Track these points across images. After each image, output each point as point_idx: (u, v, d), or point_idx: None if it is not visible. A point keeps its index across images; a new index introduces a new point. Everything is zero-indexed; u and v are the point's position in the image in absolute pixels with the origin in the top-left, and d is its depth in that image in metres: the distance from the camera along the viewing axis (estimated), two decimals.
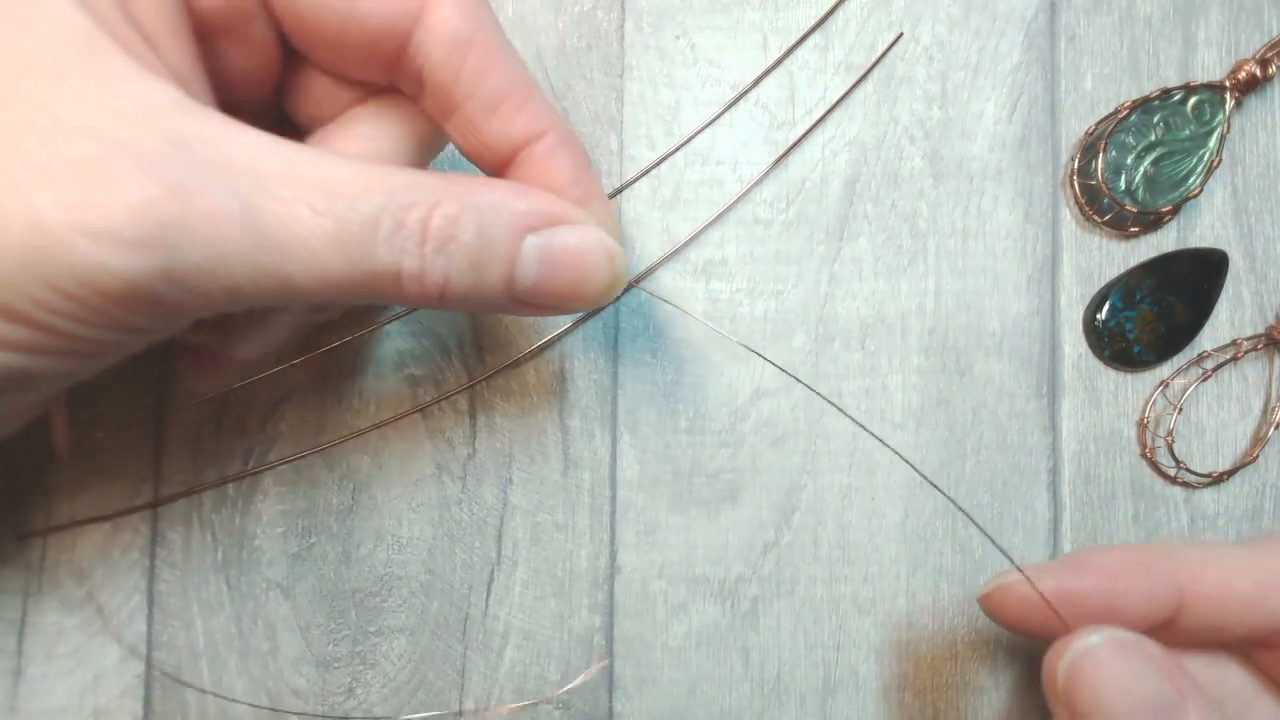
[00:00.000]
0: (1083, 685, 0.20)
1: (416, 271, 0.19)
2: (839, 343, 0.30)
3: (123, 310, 0.17)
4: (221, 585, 0.29)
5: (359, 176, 0.18)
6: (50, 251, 0.16)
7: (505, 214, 0.20)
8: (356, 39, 0.21)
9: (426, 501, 0.30)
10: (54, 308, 0.16)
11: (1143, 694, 0.19)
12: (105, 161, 0.16)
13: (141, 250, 0.16)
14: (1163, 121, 0.31)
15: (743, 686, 0.30)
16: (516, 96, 0.22)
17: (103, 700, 0.29)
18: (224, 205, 0.17)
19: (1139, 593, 0.22)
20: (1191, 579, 0.22)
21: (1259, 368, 0.31)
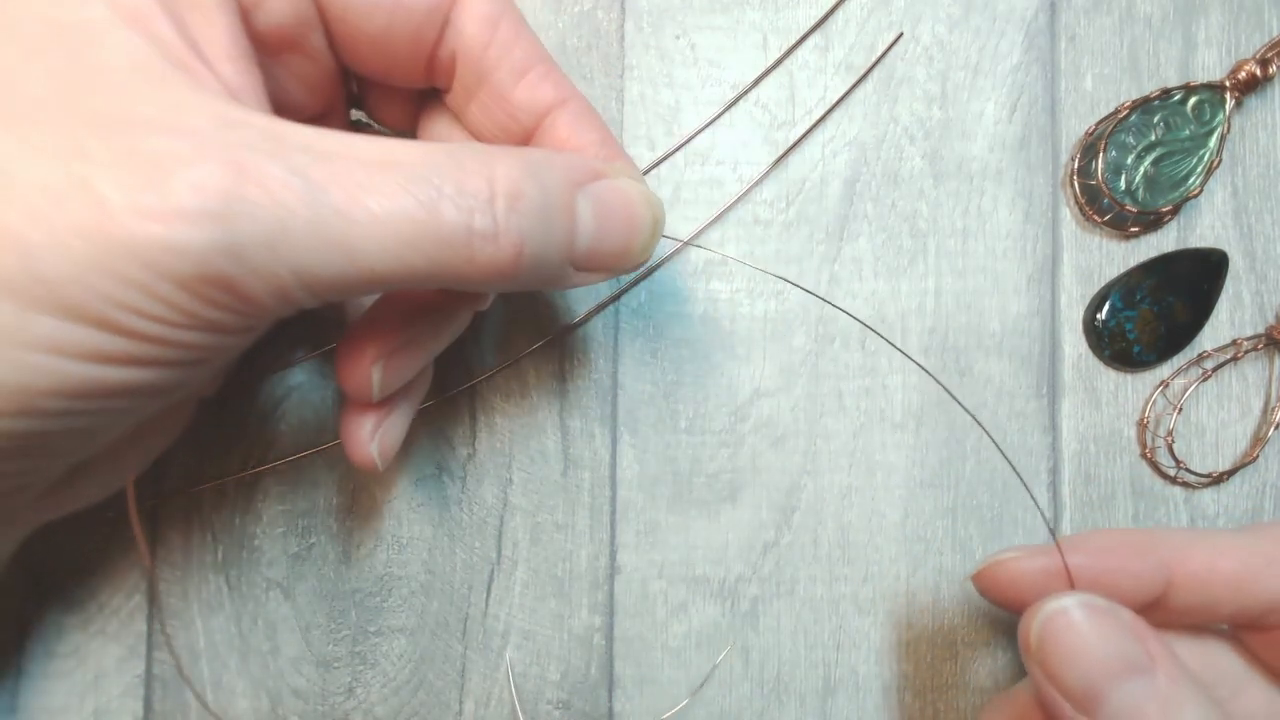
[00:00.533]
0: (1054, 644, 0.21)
1: (490, 231, 0.18)
2: (839, 343, 0.30)
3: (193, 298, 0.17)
4: (221, 585, 0.29)
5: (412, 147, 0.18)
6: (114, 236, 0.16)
7: (559, 169, 0.20)
8: (403, 30, 0.22)
9: (426, 501, 0.30)
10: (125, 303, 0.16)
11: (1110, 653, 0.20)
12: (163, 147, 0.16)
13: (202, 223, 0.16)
14: (1163, 121, 0.31)
15: (743, 686, 0.30)
16: (542, 65, 0.23)
17: (103, 700, 0.29)
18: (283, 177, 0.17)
19: (1128, 571, 0.23)
20: (1179, 559, 0.23)
21: (1259, 368, 0.31)
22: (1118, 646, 0.20)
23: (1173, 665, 0.20)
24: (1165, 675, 0.20)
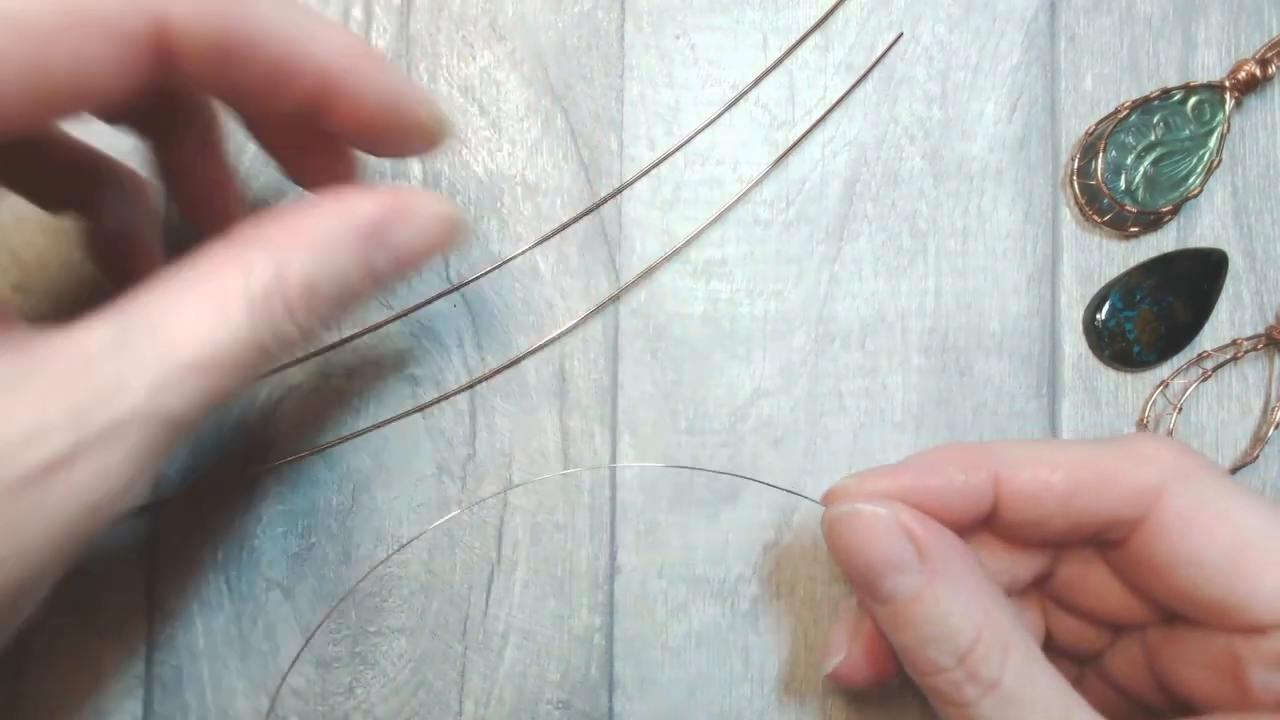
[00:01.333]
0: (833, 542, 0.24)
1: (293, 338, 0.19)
2: (839, 343, 0.30)
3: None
4: (221, 585, 0.29)
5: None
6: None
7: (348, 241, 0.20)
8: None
9: (426, 501, 0.30)
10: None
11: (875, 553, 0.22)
12: None
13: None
14: (1163, 121, 0.31)
15: (743, 686, 0.30)
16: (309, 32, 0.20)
17: (103, 700, 0.29)
18: None
19: (954, 486, 0.23)
20: (1009, 474, 0.23)
21: (1259, 368, 0.31)
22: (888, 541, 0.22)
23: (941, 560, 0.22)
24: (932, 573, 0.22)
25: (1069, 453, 0.24)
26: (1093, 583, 0.25)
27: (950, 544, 0.23)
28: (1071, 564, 0.25)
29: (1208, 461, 0.23)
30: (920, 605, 0.22)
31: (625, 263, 0.30)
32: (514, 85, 0.31)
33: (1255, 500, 0.23)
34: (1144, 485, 0.23)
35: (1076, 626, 0.26)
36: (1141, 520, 0.23)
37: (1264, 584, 0.22)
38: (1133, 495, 0.23)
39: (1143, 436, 0.24)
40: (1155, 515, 0.22)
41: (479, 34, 0.31)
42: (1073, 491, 0.23)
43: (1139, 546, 0.23)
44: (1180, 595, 0.23)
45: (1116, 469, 0.23)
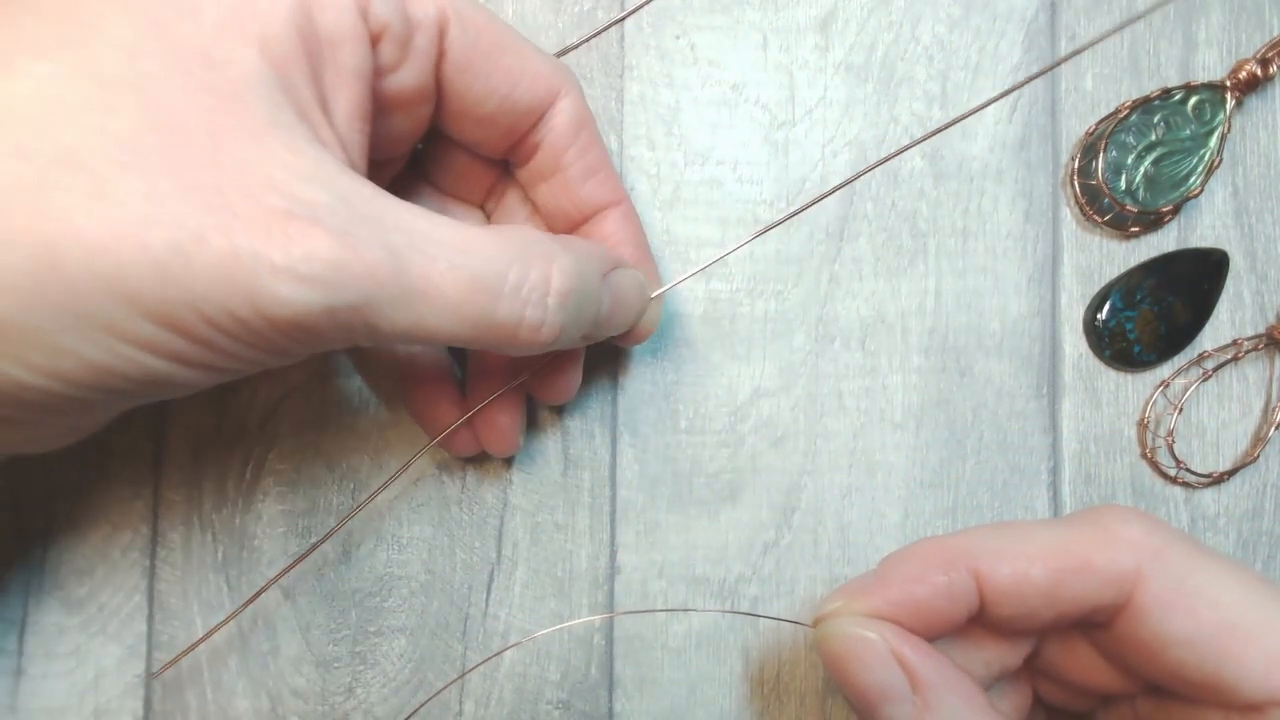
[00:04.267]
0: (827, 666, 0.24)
1: (538, 322, 0.22)
2: (839, 343, 0.30)
3: (279, 336, 0.20)
4: (221, 585, 0.29)
5: (488, 237, 0.21)
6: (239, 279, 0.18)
7: (596, 262, 0.24)
8: (506, 117, 0.25)
9: (426, 501, 0.30)
10: (223, 327, 0.19)
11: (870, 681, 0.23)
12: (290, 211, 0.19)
13: (313, 286, 0.19)
14: (1163, 121, 0.31)
15: (743, 686, 0.30)
16: (606, 170, 0.27)
17: (103, 700, 0.29)
18: (378, 254, 0.19)
19: (939, 592, 0.23)
20: (988, 569, 0.23)
21: (1259, 368, 0.31)
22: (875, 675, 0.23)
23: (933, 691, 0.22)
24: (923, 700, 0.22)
25: (1042, 540, 0.23)
26: (1079, 660, 0.25)
27: (943, 671, 0.23)
28: (1056, 644, 0.25)
29: (1177, 533, 0.23)
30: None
31: None
32: None
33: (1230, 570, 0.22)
34: (1121, 570, 0.22)
35: (1064, 694, 0.26)
36: (1123, 604, 0.22)
37: (1251, 662, 0.21)
38: (1112, 581, 0.22)
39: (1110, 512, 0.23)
40: (1136, 599, 0.22)
41: None
42: (1054, 582, 0.23)
43: (1123, 630, 0.23)
44: (1169, 675, 0.22)
45: (1092, 555, 0.22)
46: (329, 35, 0.21)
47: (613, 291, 0.25)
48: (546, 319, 0.22)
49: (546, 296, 0.22)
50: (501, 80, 0.24)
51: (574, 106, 0.25)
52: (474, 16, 0.24)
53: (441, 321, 0.21)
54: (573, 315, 0.23)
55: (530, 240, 0.22)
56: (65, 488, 0.29)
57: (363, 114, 0.22)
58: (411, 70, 0.23)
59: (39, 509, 0.29)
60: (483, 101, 0.24)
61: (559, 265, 0.22)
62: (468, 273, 0.20)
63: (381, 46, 0.22)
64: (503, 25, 0.24)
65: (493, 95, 0.24)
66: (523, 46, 0.25)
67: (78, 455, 0.29)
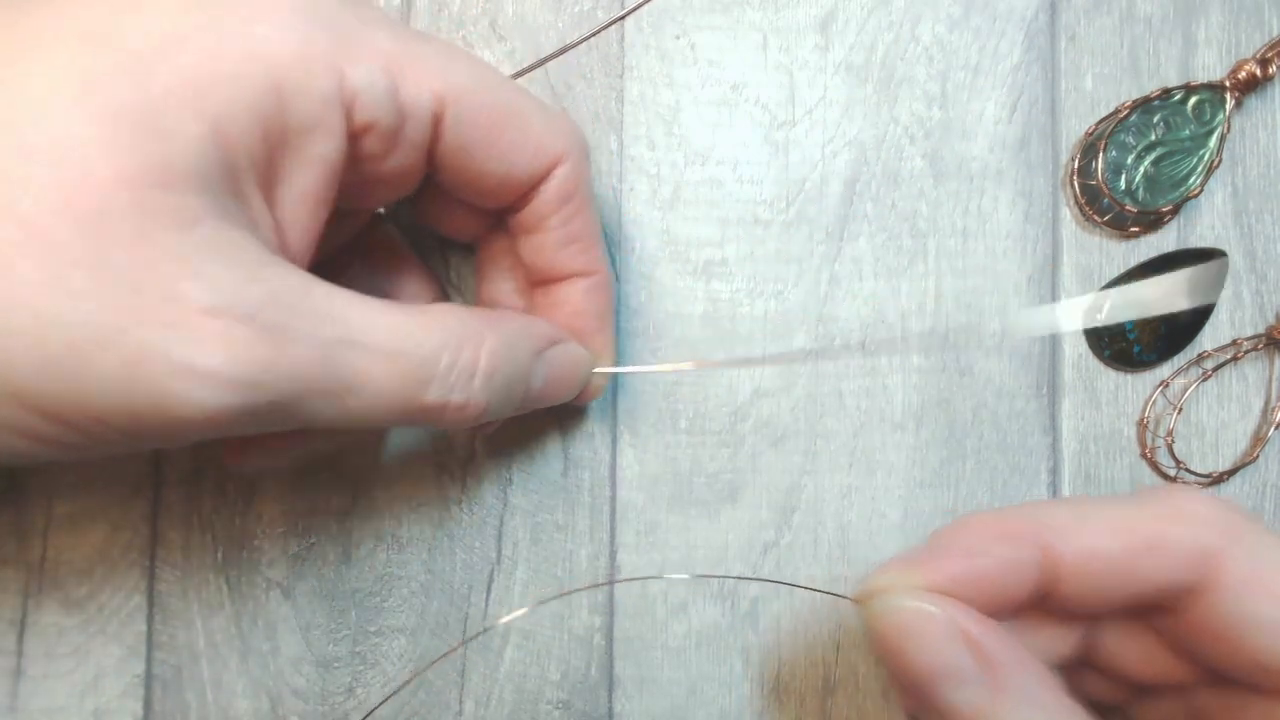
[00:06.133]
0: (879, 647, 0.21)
1: (462, 403, 0.22)
2: (839, 343, 0.30)
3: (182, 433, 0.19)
4: (221, 585, 0.29)
5: (421, 322, 0.21)
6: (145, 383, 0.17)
7: (528, 341, 0.24)
8: (503, 189, 0.24)
9: (426, 501, 0.30)
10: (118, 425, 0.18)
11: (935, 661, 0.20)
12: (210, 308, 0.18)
13: (233, 389, 0.18)
14: (1163, 121, 0.31)
15: (743, 686, 0.30)
16: (587, 240, 0.26)
17: (103, 700, 0.29)
18: (308, 353, 0.19)
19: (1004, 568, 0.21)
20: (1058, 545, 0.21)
21: (1259, 368, 0.31)
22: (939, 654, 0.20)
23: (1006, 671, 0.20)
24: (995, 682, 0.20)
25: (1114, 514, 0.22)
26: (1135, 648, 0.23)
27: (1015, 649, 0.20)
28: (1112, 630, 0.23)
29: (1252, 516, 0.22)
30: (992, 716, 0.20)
31: (625, 263, 0.30)
32: None
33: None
34: (1201, 546, 0.21)
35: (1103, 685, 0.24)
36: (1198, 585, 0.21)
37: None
38: (1190, 559, 0.21)
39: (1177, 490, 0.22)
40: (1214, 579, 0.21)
41: (479, 34, 0.31)
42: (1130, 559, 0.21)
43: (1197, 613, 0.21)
44: (1246, 662, 0.21)
45: (1167, 532, 0.21)
46: (298, 124, 0.20)
47: (549, 367, 0.25)
48: (471, 399, 0.22)
49: (473, 378, 0.22)
50: (499, 161, 0.23)
51: (568, 175, 0.25)
52: (475, 95, 0.22)
53: (369, 410, 0.20)
54: (499, 393, 0.23)
55: (460, 322, 0.22)
56: (65, 488, 0.29)
57: (319, 198, 0.21)
58: (399, 158, 0.22)
59: (39, 509, 0.29)
60: (479, 179, 0.24)
61: (487, 347, 0.22)
62: (401, 364, 0.20)
63: (366, 139, 0.21)
64: (504, 95, 0.23)
65: (490, 175, 0.24)
66: (524, 117, 0.23)
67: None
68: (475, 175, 0.24)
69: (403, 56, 0.21)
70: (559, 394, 0.26)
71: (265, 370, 0.18)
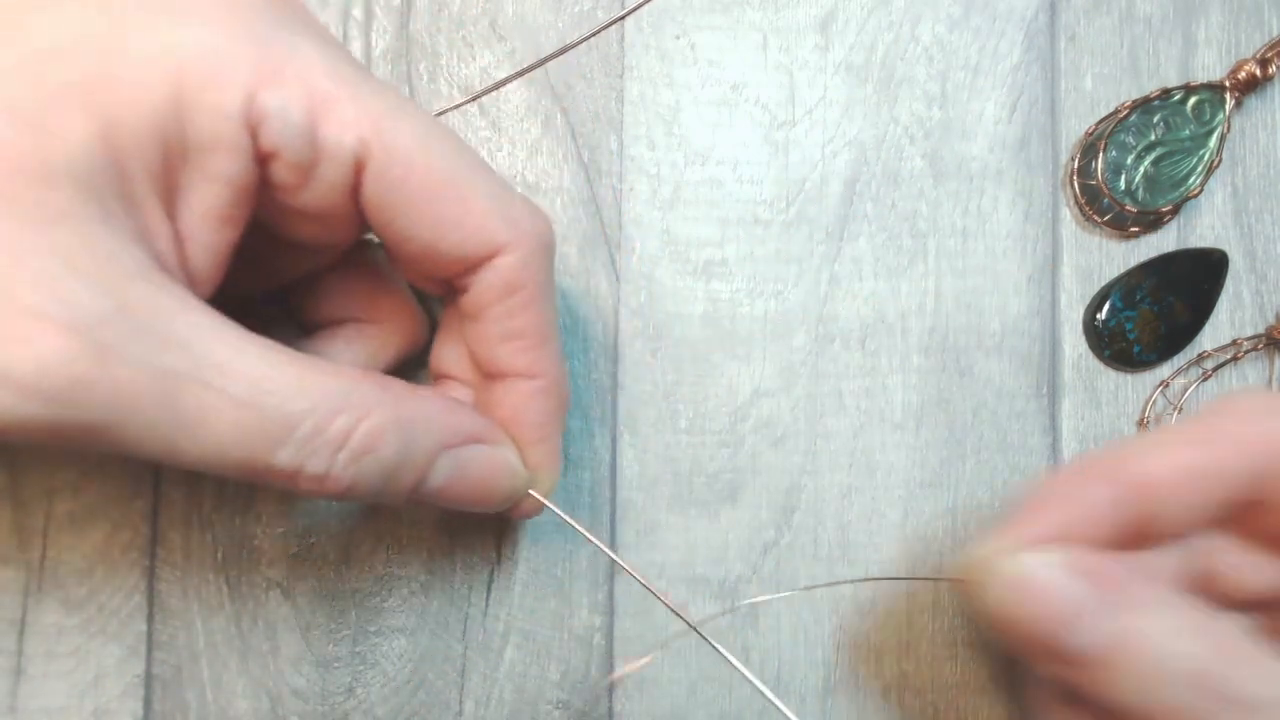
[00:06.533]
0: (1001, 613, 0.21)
1: (319, 473, 0.20)
2: (839, 343, 0.30)
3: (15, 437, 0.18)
4: (221, 585, 0.29)
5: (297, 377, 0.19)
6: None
7: (432, 430, 0.22)
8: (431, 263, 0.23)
9: None
10: None
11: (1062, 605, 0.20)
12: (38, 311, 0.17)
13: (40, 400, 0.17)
14: (1163, 121, 0.31)
15: (743, 686, 0.30)
16: (532, 339, 0.24)
17: (103, 700, 0.29)
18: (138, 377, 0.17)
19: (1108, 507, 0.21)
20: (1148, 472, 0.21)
21: (1259, 368, 0.31)
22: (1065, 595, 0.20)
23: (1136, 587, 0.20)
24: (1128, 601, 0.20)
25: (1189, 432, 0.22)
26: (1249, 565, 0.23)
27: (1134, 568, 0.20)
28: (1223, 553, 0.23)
29: None
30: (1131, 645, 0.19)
31: (625, 263, 0.30)
32: (514, 85, 0.31)
33: None
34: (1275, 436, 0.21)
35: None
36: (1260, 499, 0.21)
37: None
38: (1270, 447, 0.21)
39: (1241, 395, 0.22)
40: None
41: (479, 34, 0.31)
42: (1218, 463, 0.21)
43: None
44: None
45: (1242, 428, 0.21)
46: (198, 138, 0.19)
47: (458, 466, 0.22)
48: (332, 472, 0.20)
49: (338, 451, 0.20)
50: (425, 228, 0.21)
51: (512, 267, 0.22)
52: (409, 154, 0.21)
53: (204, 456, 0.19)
54: (369, 477, 0.21)
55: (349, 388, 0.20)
56: (65, 488, 0.29)
57: (223, 216, 0.20)
58: (315, 194, 0.21)
59: (39, 509, 0.29)
60: (405, 241, 0.22)
61: (368, 424, 0.20)
62: (251, 416, 0.18)
63: (275, 166, 0.20)
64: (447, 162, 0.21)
65: (414, 239, 0.22)
66: (467, 191, 0.22)
67: (78, 455, 0.29)
68: (399, 238, 0.22)
69: (333, 92, 0.20)
70: (471, 500, 0.24)
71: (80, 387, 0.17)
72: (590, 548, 0.30)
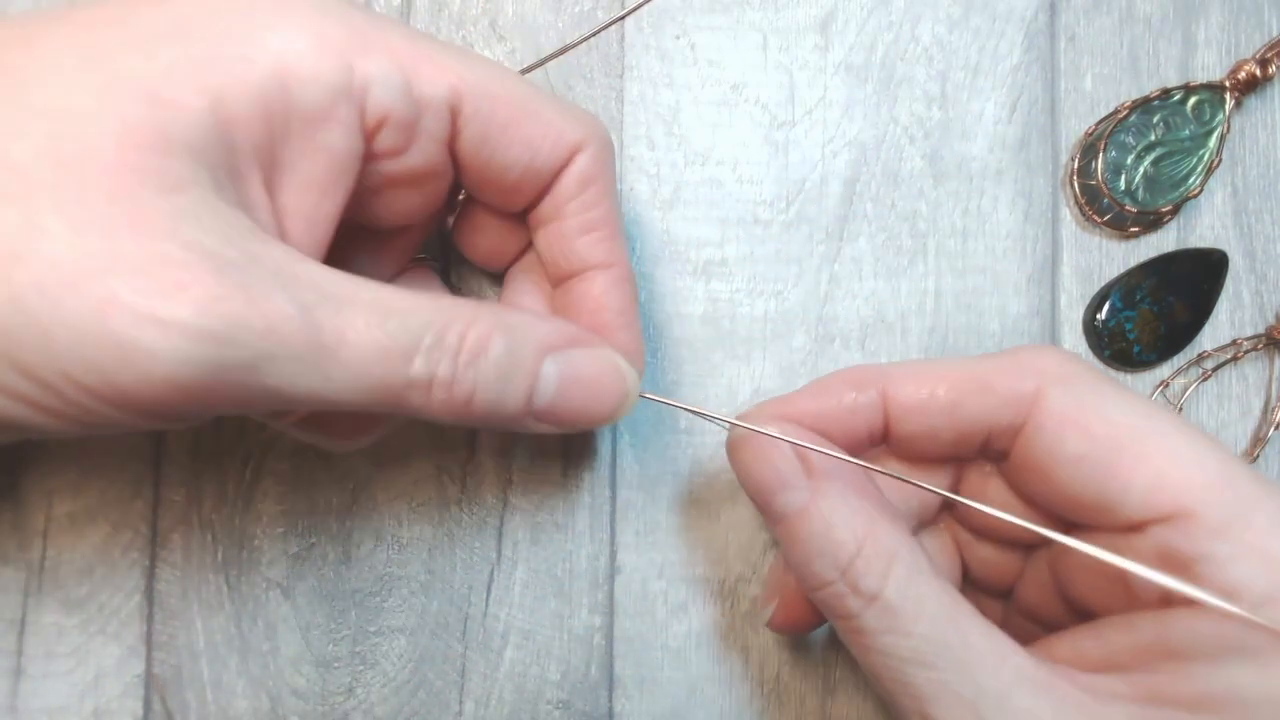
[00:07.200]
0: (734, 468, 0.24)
1: (447, 379, 0.21)
2: (839, 343, 0.30)
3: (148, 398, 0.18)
4: (221, 585, 0.29)
5: (407, 296, 0.21)
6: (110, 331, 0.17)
7: (531, 334, 0.23)
8: (529, 184, 0.24)
9: (426, 501, 0.30)
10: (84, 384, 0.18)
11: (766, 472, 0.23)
12: (185, 261, 0.18)
13: (204, 341, 0.18)
14: (1163, 121, 0.31)
15: (743, 686, 0.30)
16: (606, 229, 0.26)
17: (103, 700, 0.29)
18: (285, 310, 0.19)
19: (845, 405, 0.24)
20: (895, 388, 0.24)
21: (1259, 368, 0.31)
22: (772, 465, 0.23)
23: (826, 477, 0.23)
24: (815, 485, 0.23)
25: (953, 366, 0.24)
26: (991, 500, 0.25)
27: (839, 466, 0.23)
28: (971, 483, 0.26)
29: (1088, 366, 0.24)
30: (805, 520, 0.23)
31: None
32: None
33: (1134, 399, 0.23)
34: (1022, 391, 0.23)
35: (988, 555, 0.27)
36: (1022, 425, 0.23)
37: (1137, 480, 0.21)
38: (1011, 401, 0.23)
39: (1028, 347, 0.24)
40: (1033, 418, 0.23)
41: (479, 34, 0.31)
42: (955, 401, 0.24)
43: (1021, 452, 0.23)
44: (1059, 497, 0.23)
45: (995, 378, 0.23)
46: (303, 112, 0.20)
47: (568, 370, 0.23)
48: (456, 377, 0.21)
49: (459, 354, 0.21)
50: (522, 151, 0.24)
51: (588, 162, 0.25)
52: (490, 87, 0.23)
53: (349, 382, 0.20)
54: (490, 381, 0.21)
55: (452, 303, 0.21)
56: (65, 488, 0.29)
57: (327, 188, 0.22)
58: (420, 153, 0.23)
59: (39, 509, 0.29)
60: (504, 174, 0.24)
61: (476, 328, 0.21)
62: (384, 331, 0.20)
63: (382, 133, 0.22)
64: (521, 89, 0.24)
65: (514, 167, 0.24)
66: (542, 108, 0.24)
67: (78, 455, 0.29)
68: (499, 169, 0.24)
69: (416, 52, 0.22)
70: (585, 407, 0.24)
71: (235, 323, 0.18)
72: (590, 549, 0.30)
